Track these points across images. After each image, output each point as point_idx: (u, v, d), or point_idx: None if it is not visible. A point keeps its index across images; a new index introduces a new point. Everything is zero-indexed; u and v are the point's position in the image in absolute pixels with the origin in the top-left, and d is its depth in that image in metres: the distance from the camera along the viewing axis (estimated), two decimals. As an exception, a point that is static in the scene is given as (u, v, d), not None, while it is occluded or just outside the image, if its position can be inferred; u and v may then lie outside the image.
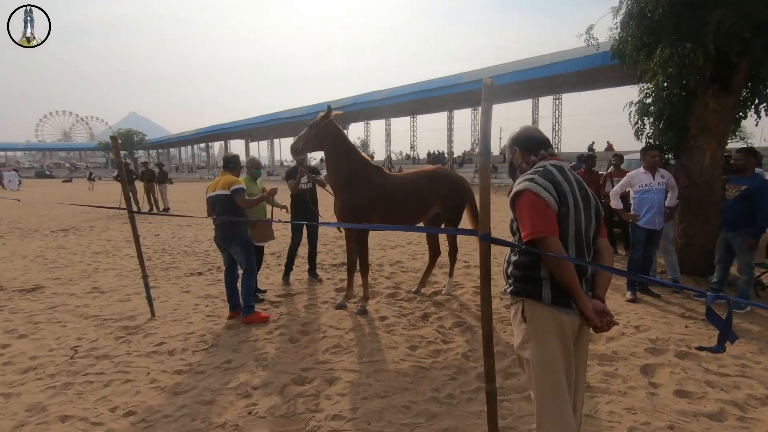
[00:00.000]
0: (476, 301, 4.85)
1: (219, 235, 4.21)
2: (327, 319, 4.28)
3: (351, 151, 4.51)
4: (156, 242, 8.63)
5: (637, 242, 4.77)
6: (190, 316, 4.44)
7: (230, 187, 4.11)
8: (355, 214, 4.36)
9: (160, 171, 14.68)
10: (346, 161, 4.44)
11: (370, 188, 4.42)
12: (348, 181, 4.41)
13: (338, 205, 4.48)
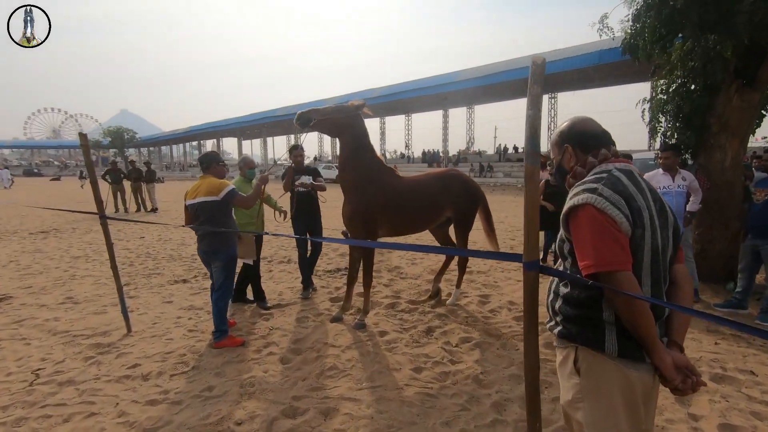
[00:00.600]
0: (483, 311, 4.49)
1: (203, 247, 3.69)
2: (321, 335, 3.89)
3: (369, 150, 4.11)
4: (140, 245, 8.18)
5: None
6: (171, 331, 4.03)
7: (220, 193, 3.57)
8: (366, 219, 4.01)
9: (147, 170, 14.17)
10: (362, 159, 4.04)
11: (382, 191, 4.05)
12: (361, 182, 4.02)
13: (348, 208, 4.09)
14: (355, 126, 4.00)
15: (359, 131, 4.04)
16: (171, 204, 16.85)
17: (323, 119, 3.88)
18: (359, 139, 4.04)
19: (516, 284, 5.49)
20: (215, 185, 3.63)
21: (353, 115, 3.97)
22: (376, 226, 4.08)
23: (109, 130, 70.39)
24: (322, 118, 3.87)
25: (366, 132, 4.12)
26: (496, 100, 41.18)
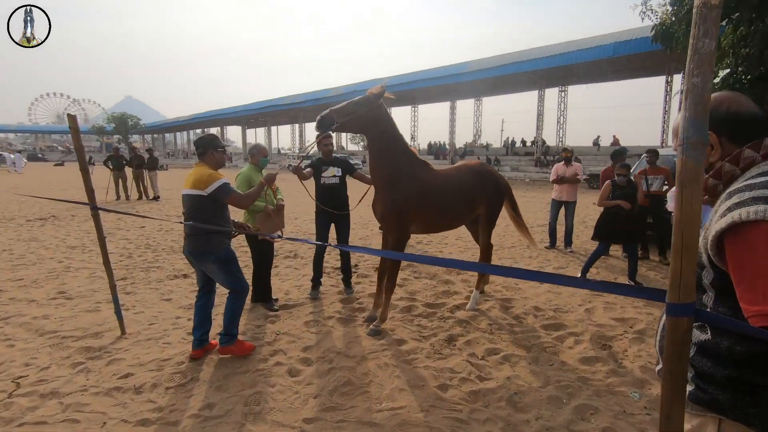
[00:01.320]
0: (507, 318, 4.13)
1: (187, 247, 3.15)
2: (333, 342, 3.54)
3: (399, 141, 3.76)
4: (140, 236, 7.85)
5: None
6: (168, 334, 3.69)
7: (207, 187, 3.00)
8: (399, 216, 3.69)
9: (150, 157, 13.81)
10: (394, 153, 3.70)
11: (416, 186, 3.71)
12: (394, 176, 3.68)
13: (379, 205, 3.77)
14: (381, 119, 3.63)
15: (386, 123, 3.68)
16: (173, 192, 16.51)
17: (348, 119, 3.50)
18: (388, 132, 3.69)
19: (539, 287, 5.13)
20: (203, 177, 3.04)
21: (376, 106, 3.58)
22: (409, 223, 3.77)
23: (113, 116, 70.07)
24: (344, 119, 3.49)
25: (393, 122, 3.74)
26: (504, 93, 40.46)
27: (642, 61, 26.51)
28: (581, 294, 4.87)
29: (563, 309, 4.37)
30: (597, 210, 12.04)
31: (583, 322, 4.03)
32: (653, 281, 5.46)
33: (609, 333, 3.78)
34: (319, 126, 3.50)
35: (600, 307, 4.41)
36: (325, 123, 3.48)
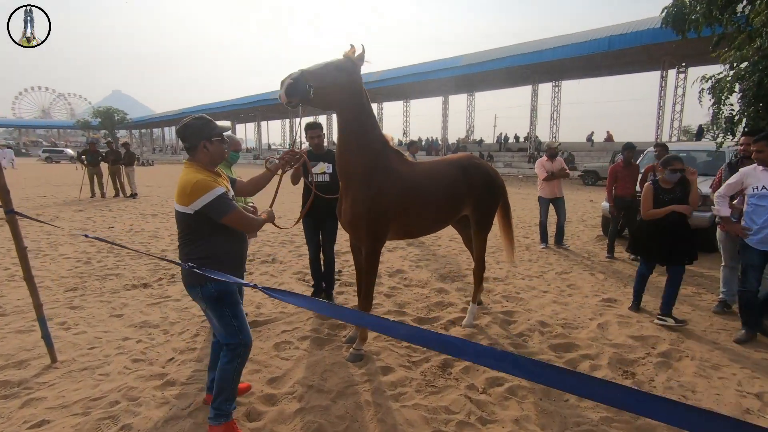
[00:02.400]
0: (509, 335, 3.59)
1: (183, 279, 2.31)
2: (306, 371, 2.97)
3: (375, 125, 3.09)
4: (106, 237, 7.17)
5: (751, 268, 3.45)
6: (109, 361, 3.09)
7: (192, 201, 2.09)
8: (379, 220, 3.03)
9: (126, 152, 13.05)
10: (368, 138, 3.00)
11: (396, 181, 3.07)
12: (369, 168, 3.00)
13: (347, 207, 3.06)
14: (361, 91, 2.94)
15: (365, 98, 2.98)
16: (154, 189, 15.78)
17: (324, 88, 2.72)
18: (365, 110, 2.98)
19: (542, 296, 4.60)
20: (188, 186, 2.11)
21: (358, 75, 2.90)
22: (386, 228, 3.11)
23: (99, 111, 68.41)
24: (321, 84, 2.69)
25: (367, 98, 3.04)
26: (498, 88, 39.94)
27: (636, 56, 26.13)
28: (591, 305, 4.35)
29: (573, 324, 3.84)
30: (595, 207, 11.57)
31: (597, 341, 3.50)
32: (666, 288, 4.95)
33: (629, 355, 3.25)
34: (289, 92, 2.57)
35: (614, 321, 3.89)
36: (297, 89, 2.60)
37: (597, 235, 7.91)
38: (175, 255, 6.08)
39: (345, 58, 2.84)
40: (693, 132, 38.43)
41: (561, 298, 4.56)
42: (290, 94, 2.60)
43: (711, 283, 5.17)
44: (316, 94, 2.69)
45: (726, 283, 4.22)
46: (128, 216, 9.51)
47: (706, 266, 5.92)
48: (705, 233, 6.56)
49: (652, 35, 22.12)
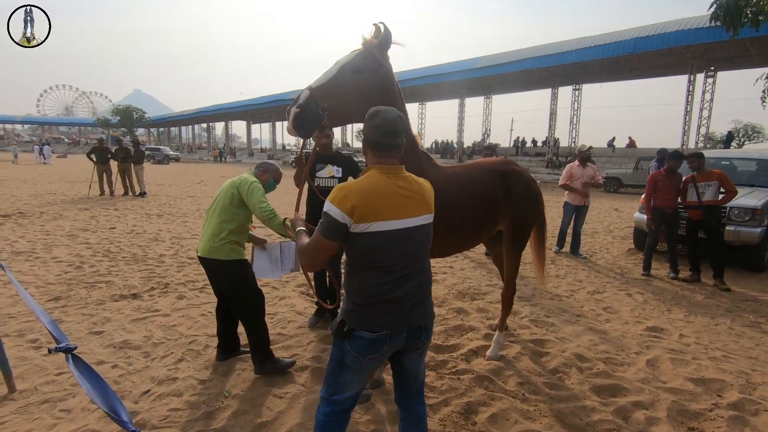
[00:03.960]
0: (542, 372, 3.05)
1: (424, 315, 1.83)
2: (301, 415, 2.48)
3: (408, 126, 2.47)
4: (104, 239, 6.83)
5: None
6: (75, 393, 2.65)
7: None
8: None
9: (135, 150, 12.82)
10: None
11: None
12: None
13: None
14: (393, 87, 2.38)
15: (398, 96, 2.41)
16: (164, 188, 15.56)
17: (342, 102, 2.15)
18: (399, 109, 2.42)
19: (576, 321, 4.04)
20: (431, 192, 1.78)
21: (385, 67, 2.29)
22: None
23: (118, 109, 69.49)
24: (338, 100, 2.14)
25: (400, 100, 2.43)
26: (516, 91, 39.13)
27: (662, 59, 25.21)
28: (634, 334, 3.78)
29: (616, 359, 3.28)
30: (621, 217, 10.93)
31: (648, 383, 2.94)
32: (713, 309, 4.34)
33: (691, 405, 2.69)
34: (298, 125, 2.09)
35: (665, 357, 3.32)
36: (308, 118, 2.09)
37: (628, 249, 7.28)
38: (173, 260, 5.69)
39: (364, 49, 2.25)
40: (717, 139, 37.10)
41: (598, 324, 3.99)
42: (300, 127, 2.11)
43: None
44: (333, 116, 2.17)
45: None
46: (133, 216, 9.20)
47: (758, 288, 5.27)
48: (754, 251, 5.91)
49: (680, 37, 21.22)
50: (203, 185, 17.20)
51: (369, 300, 1.59)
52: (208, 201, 12.11)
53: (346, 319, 1.61)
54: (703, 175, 5.48)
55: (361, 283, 1.60)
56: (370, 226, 1.53)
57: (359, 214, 1.51)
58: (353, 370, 1.64)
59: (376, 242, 1.55)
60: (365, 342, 1.59)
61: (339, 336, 1.62)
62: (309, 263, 1.63)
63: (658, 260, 6.27)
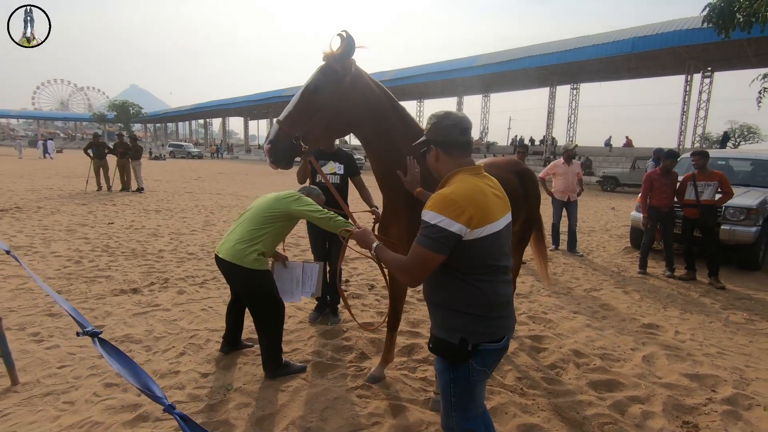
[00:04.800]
0: (540, 367, 3.10)
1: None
2: (303, 408, 2.51)
3: (410, 125, 2.39)
4: (102, 234, 6.82)
5: None
6: (78, 385, 2.67)
7: None
8: None
9: (133, 145, 12.77)
10: (409, 144, 2.19)
11: None
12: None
13: (400, 229, 2.42)
14: (369, 93, 2.19)
15: (381, 98, 2.25)
16: (162, 184, 15.52)
17: (310, 126, 2.08)
18: (387, 113, 2.27)
19: (573, 318, 4.09)
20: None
21: (350, 77, 2.11)
22: None
23: (114, 104, 69.13)
24: (304, 127, 2.07)
25: (392, 99, 2.33)
26: (514, 89, 39.17)
27: (660, 58, 25.29)
28: (630, 331, 3.83)
29: (612, 355, 3.33)
30: (618, 216, 11.01)
31: (644, 378, 2.99)
32: (708, 307, 4.40)
33: (686, 400, 2.74)
34: (276, 159, 2.07)
35: (661, 354, 3.36)
36: (282, 150, 2.06)
37: (625, 247, 7.34)
38: (172, 255, 5.70)
39: (324, 63, 2.13)
40: (713, 139, 37.32)
41: (594, 321, 4.04)
42: (276, 161, 2.07)
43: (762, 307, 4.60)
44: (313, 138, 2.12)
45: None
46: (131, 211, 9.19)
47: (752, 287, 5.34)
48: (749, 250, 5.98)
49: (678, 37, 21.30)
50: (201, 181, 17.17)
51: (487, 308, 1.52)
52: (205, 197, 12.10)
53: (467, 336, 1.49)
54: (704, 175, 5.53)
55: (478, 292, 1.51)
56: (483, 231, 1.47)
57: (475, 221, 1.45)
58: (480, 381, 1.57)
59: (487, 246, 1.50)
60: (492, 353, 1.54)
61: (463, 357, 1.50)
62: (414, 280, 1.50)
63: (654, 258, 6.34)
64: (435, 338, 1.58)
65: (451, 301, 1.53)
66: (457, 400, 1.57)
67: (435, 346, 1.57)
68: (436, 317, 1.59)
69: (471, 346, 1.48)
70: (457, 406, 1.57)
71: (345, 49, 2.07)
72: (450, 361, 1.54)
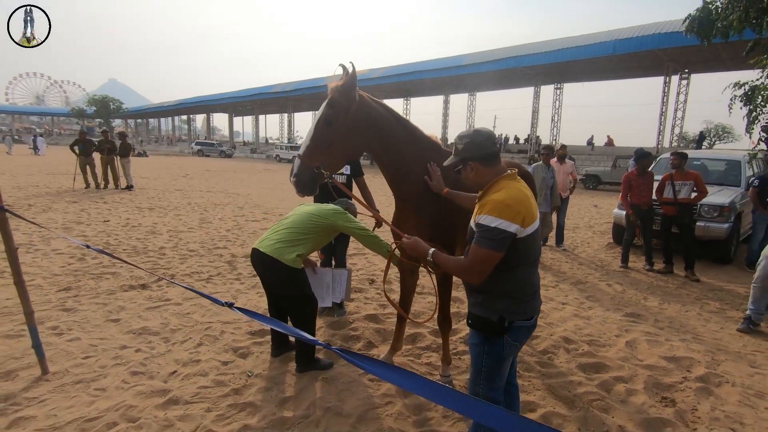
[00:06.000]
0: (533, 353, 3.37)
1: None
2: (320, 391, 2.73)
3: (416, 138, 2.58)
4: (101, 231, 6.88)
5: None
6: (105, 373, 2.83)
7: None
8: (447, 237, 2.58)
9: (122, 142, 12.69)
10: (416, 154, 2.53)
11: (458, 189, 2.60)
12: (425, 189, 2.55)
13: (414, 226, 2.56)
14: (371, 119, 2.37)
15: (386, 118, 2.44)
16: (150, 181, 15.42)
17: (330, 156, 2.30)
18: (394, 131, 2.46)
19: (562, 308, 4.39)
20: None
21: (353, 109, 2.28)
22: (454, 249, 2.69)
23: (94, 99, 67.47)
24: (326, 156, 2.29)
25: (395, 116, 2.51)
26: (500, 88, 39.77)
27: (640, 60, 26.07)
28: (614, 320, 4.15)
29: (599, 341, 3.63)
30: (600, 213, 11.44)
31: (627, 361, 3.30)
32: (684, 298, 4.76)
33: (664, 379, 3.05)
34: (303, 190, 2.30)
35: (642, 339, 3.68)
36: (307, 181, 2.28)
37: (607, 243, 7.73)
38: (174, 252, 5.82)
39: (330, 96, 2.28)
40: (690, 139, 38.58)
41: (582, 311, 4.35)
42: (303, 191, 2.31)
43: (733, 298, 4.99)
44: (332, 164, 2.35)
45: (755, 301, 4.02)
46: (124, 209, 9.20)
47: (724, 279, 5.75)
48: (722, 245, 6.40)
49: (657, 40, 22.03)
50: (189, 179, 17.09)
51: (526, 293, 1.77)
52: (196, 195, 12.12)
53: (505, 315, 1.74)
54: (682, 175, 5.91)
55: (519, 279, 1.75)
56: (530, 229, 1.70)
57: (527, 221, 1.68)
58: (510, 355, 1.83)
59: (530, 241, 1.73)
60: (523, 329, 1.80)
61: (499, 332, 1.75)
62: (478, 278, 1.70)
63: (634, 254, 6.72)
64: (475, 316, 1.83)
65: (494, 287, 1.75)
66: (487, 371, 1.81)
67: (475, 322, 1.83)
68: (477, 298, 1.83)
69: (507, 323, 1.74)
70: (486, 376, 1.82)
71: (348, 80, 2.24)
72: (486, 335, 1.79)
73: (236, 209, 9.91)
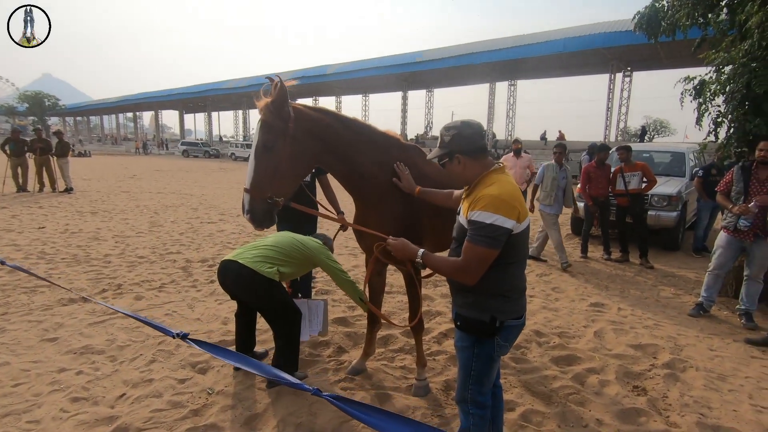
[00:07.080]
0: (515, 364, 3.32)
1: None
2: (290, 405, 2.53)
3: (372, 138, 2.41)
4: (35, 239, 6.23)
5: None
6: (40, 403, 2.48)
7: None
8: (412, 234, 2.26)
9: (59, 141, 11.67)
10: (373, 156, 2.37)
11: (426, 183, 2.43)
12: (388, 180, 2.40)
13: (375, 225, 2.34)
14: (313, 133, 2.16)
15: (327, 130, 2.22)
16: (92, 182, 14.33)
17: (274, 183, 2.07)
18: (341, 136, 2.26)
19: (530, 301, 4.41)
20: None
21: (291, 129, 2.07)
22: (423, 241, 2.53)
23: (26, 95, 62.21)
24: (270, 184, 2.06)
25: (339, 121, 2.30)
26: (456, 85, 40.47)
27: (588, 58, 27.30)
28: (581, 310, 4.21)
29: (569, 333, 3.66)
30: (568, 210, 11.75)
31: (597, 351, 3.33)
32: (642, 285, 4.94)
33: (634, 367, 3.10)
34: (259, 222, 2.08)
35: (609, 329, 3.75)
36: (261, 213, 2.06)
37: (566, 234, 7.95)
38: (120, 260, 5.35)
39: (262, 119, 2.07)
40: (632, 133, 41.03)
41: (549, 303, 4.40)
42: (260, 225, 2.09)
43: (685, 283, 5.24)
44: (286, 190, 2.13)
45: (708, 289, 4.18)
46: (62, 214, 8.43)
47: (675, 265, 6.05)
48: (671, 232, 6.74)
49: (603, 39, 23.14)
50: (137, 179, 16.07)
51: (515, 290, 1.69)
52: (145, 197, 11.37)
53: (497, 314, 1.64)
54: (630, 166, 6.14)
55: (509, 276, 1.66)
56: (524, 224, 1.62)
57: (522, 216, 1.59)
58: (499, 357, 1.76)
59: (524, 237, 1.66)
60: (514, 329, 1.73)
61: (490, 333, 1.66)
62: (473, 278, 1.59)
63: (593, 243, 6.94)
64: (464, 317, 1.71)
65: (487, 286, 1.64)
66: (476, 374, 1.73)
67: (464, 324, 1.71)
68: (467, 299, 1.70)
69: (499, 323, 1.65)
70: (475, 380, 1.73)
71: (278, 96, 2.01)
72: (477, 336, 1.69)
73: (190, 211, 9.37)
